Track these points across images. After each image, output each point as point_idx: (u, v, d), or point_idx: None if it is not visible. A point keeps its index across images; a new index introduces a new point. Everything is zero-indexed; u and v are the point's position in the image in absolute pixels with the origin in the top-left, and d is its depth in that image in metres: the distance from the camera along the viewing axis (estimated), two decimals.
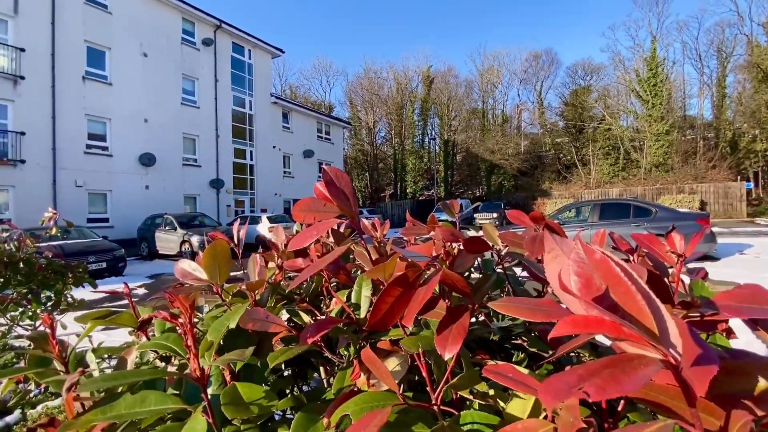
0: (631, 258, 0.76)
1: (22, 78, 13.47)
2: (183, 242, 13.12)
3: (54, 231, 2.74)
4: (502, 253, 0.95)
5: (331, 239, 1.11)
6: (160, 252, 14.01)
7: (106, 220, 15.76)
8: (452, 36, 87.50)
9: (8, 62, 13.38)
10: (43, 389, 1.76)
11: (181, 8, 18.38)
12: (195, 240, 12.79)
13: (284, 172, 24.76)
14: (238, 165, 21.59)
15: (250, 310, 0.63)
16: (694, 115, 35.07)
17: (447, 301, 0.60)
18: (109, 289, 1.07)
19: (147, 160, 16.72)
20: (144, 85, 17.01)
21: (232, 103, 21.25)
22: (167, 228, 13.79)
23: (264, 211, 21.91)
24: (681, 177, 26.60)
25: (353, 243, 0.58)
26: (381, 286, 0.61)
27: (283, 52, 24.60)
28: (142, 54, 17.00)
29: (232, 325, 0.59)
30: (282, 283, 0.89)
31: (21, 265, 2.60)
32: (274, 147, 23.75)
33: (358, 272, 0.94)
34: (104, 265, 9.64)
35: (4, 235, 2.58)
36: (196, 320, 0.77)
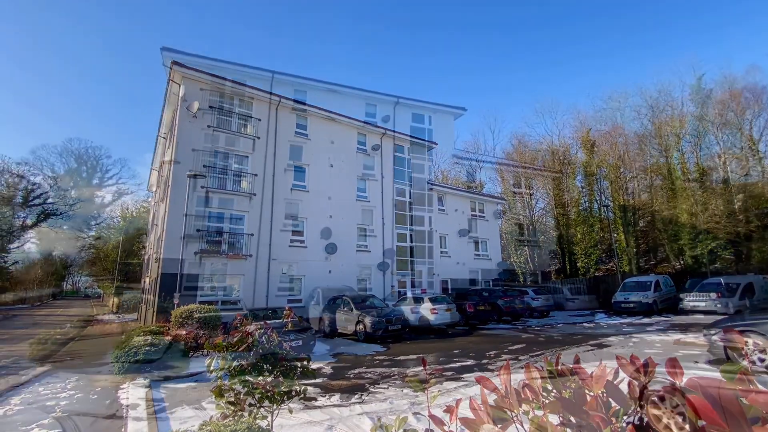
0: None
1: (254, 195, 18.45)
2: (358, 322, 14.40)
3: (290, 326, 3.39)
4: None
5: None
6: (339, 330, 15.64)
7: (300, 300, 18.85)
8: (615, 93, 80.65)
9: (247, 184, 18.66)
10: None
11: (357, 126, 22.89)
12: (368, 321, 13.89)
13: (441, 252, 25.46)
14: (400, 248, 23.41)
15: None
16: None
17: None
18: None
19: (331, 249, 19.87)
20: (330, 189, 21.03)
21: (395, 195, 23.96)
22: (345, 309, 15.46)
23: (424, 291, 22.51)
24: None
25: None
26: None
27: (436, 144, 27.03)
28: (330, 165, 21.35)
29: None
30: None
31: (269, 356, 3.24)
32: (431, 229, 25.06)
33: None
34: (300, 342, 11.26)
35: (260, 330, 3.34)
36: None
